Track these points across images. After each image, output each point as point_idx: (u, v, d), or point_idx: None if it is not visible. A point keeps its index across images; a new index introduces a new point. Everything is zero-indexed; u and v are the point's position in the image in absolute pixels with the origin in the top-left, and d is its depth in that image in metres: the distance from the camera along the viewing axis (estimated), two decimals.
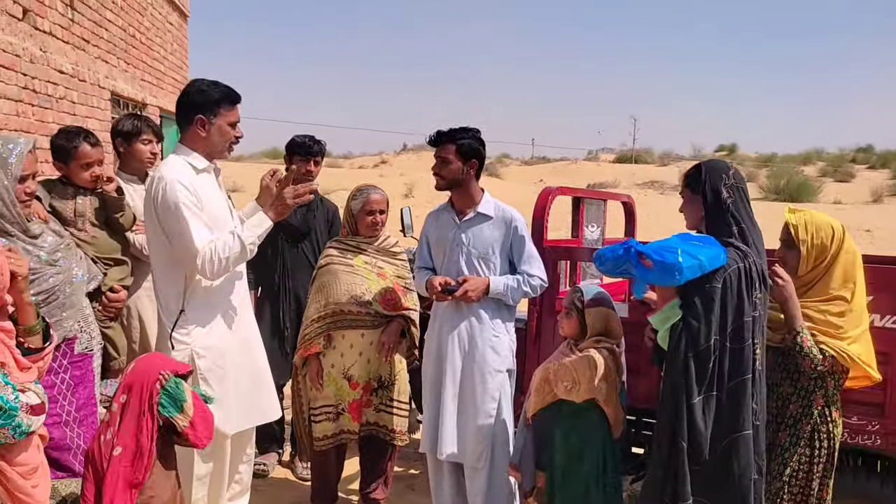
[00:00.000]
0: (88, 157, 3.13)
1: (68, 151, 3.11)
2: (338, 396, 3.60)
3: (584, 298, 2.93)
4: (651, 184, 34.83)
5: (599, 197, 4.85)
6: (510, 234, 3.32)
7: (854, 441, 2.99)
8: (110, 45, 7.59)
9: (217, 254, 2.87)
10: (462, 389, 3.33)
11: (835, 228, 2.76)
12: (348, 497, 4.03)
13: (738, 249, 2.56)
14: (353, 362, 3.59)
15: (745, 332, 2.54)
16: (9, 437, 1.81)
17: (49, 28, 5.97)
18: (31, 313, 2.07)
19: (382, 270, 3.65)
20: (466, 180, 3.32)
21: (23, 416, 1.82)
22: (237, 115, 3.05)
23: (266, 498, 3.96)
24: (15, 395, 1.81)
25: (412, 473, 4.51)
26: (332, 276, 3.56)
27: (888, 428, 2.93)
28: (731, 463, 2.55)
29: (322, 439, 3.63)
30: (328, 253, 3.65)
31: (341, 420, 3.63)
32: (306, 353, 3.58)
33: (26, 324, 2.06)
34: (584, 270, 4.53)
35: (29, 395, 1.87)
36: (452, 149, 3.27)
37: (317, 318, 3.54)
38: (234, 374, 3.07)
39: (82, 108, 6.64)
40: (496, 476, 3.32)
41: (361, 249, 3.65)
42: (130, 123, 3.64)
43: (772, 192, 28.22)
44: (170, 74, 10.01)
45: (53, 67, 5.98)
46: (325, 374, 3.58)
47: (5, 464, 1.87)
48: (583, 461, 2.90)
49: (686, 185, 2.77)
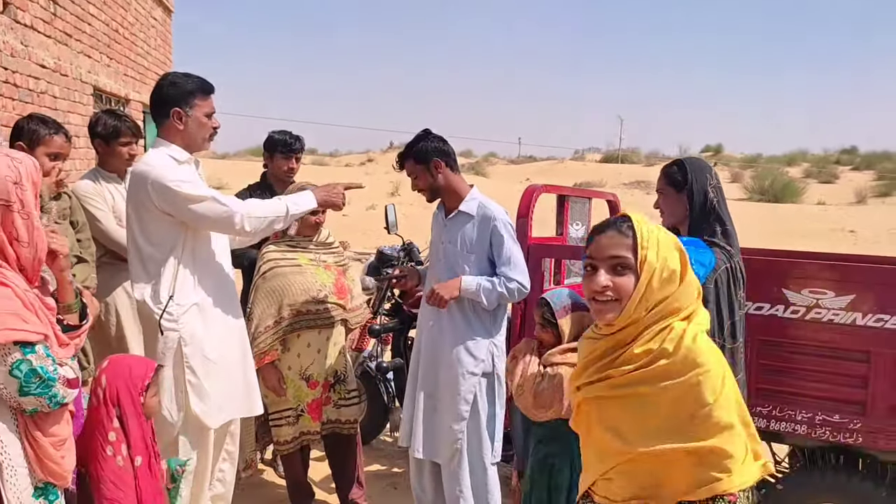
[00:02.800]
0: (59, 148, 3.02)
1: (41, 137, 2.99)
2: (296, 398, 3.56)
3: (555, 310, 2.80)
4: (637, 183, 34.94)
5: (584, 195, 4.85)
6: (489, 233, 3.25)
7: (836, 439, 3.01)
8: (93, 40, 7.51)
9: (257, 209, 2.95)
10: (436, 390, 3.32)
11: None
12: (329, 494, 4.00)
13: (724, 249, 2.57)
14: (311, 361, 3.55)
15: (737, 331, 2.56)
16: (45, 405, 1.93)
17: (30, 22, 5.90)
18: (70, 291, 2.19)
19: (326, 262, 3.64)
20: (443, 181, 3.30)
21: (60, 387, 1.94)
22: (212, 105, 3.03)
23: (247, 497, 3.92)
24: (54, 368, 1.93)
25: (395, 472, 4.49)
26: (282, 278, 3.46)
27: (869, 426, 2.94)
28: None
29: (283, 444, 3.60)
30: (269, 257, 3.51)
31: (301, 422, 3.59)
32: (263, 363, 3.43)
33: (66, 301, 2.18)
34: (569, 268, 4.52)
35: (66, 368, 1.99)
36: (412, 161, 3.30)
37: (272, 325, 3.44)
38: (220, 365, 3.03)
39: (64, 102, 6.56)
40: (474, 476, 3.31)
41: (304, 248, 3.59)
42: (109, 125, 3.58)
43: (756, 193, 28.42)
44: (153, 69, 9.93)
45: (35, 62, 5.91)
46: (283, 377, 3.53)
47: (39, 432, 1.97)
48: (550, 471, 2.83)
49: (669, 183, 2.76)
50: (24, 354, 1.88)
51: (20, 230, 1.94)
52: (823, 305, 2.98)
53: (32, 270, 2.00)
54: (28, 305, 1.92)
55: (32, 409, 1.94)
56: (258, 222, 2.95)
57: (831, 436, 3.02)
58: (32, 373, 1.89)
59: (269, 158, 4.29)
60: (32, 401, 1.92)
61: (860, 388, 2.96)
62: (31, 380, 1.89)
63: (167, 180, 2.82)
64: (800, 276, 3.06)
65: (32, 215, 1.96)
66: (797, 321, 3.03)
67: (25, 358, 1.88)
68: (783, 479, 3.25)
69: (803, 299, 3.02)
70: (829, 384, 3.02)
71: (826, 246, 13.91)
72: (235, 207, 2.90)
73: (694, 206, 2.66)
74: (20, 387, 1.88)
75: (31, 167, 1.99)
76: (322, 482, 4.16)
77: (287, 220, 3.06)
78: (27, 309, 1.91)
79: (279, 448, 3.63)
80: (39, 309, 1.97)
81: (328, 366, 3.61)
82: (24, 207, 1.94)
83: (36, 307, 1.95)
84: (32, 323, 1.92)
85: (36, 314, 1.94)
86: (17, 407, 1.93)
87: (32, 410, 1.94)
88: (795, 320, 3.03)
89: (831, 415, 3.00)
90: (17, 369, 1.87)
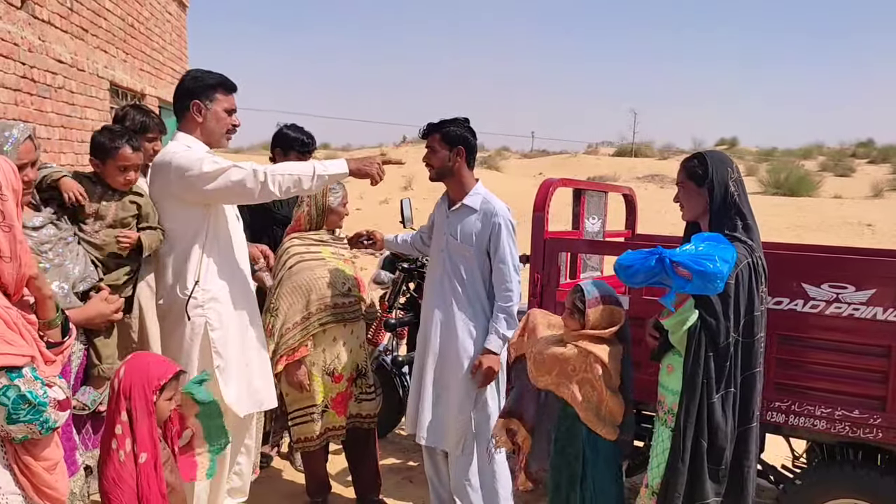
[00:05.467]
0: (127, 161, 2.99)
1: (108, 150, 2.98)
2: (321, 394, 3.55)
3: (586, 298, 2.87)
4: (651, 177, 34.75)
5: (600, 189, 4.83)
6: (490, 228, 3.29)
7: (855, 434, 2.99)
8: (109, 35, 7.54)
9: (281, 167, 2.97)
10: (443, 377, 3.34)
11: None
12: (345, 487, 4.02)
13: (745, 244, 2.55)
14: (336, 356, 3.55)
15: (755, 327, 2.55)
16: (36, 432, 1.81)
17: (48, 17, 5.93)
18: (50, 307, 2.04)
19: (345, 257, 3.67)
20: (456, 169, 3.32)
21: (51, 411, 1.82)
22: (233, 102, 3.05)
23: (264, 489, 3.95)
24: (44, 391, 1.80)
25: (410, 465, 4.50)
26: (309, 272, 3.46)
27: (889, 421, 2.92)
28: (741, 455, 2.60)
29: (309, 441, 3.58)
30: (294, 251, 3.50)
31: (326, 418, 3.59)
32: (293, 359, 3.43)
33: (46, 318, 2.03)
34: (585, 262, 4.51)
35: (55, 390, 1.87)
36: (438, 137, 3.31)
37: (300, 321, 3.43)
38: (244, 352, 3.08)
39: (81, 97, 6.60)
40: (483, 464, 3.34)
41: (325, 242, 3.61)
42: (137, 121, 3.56)
43: (772, 187, 28.18)
44: (169, 65, 9.97)
45: (52, 57, 5.94)
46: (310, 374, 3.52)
47: (31, 458, 1.86)
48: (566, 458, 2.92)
49: (689, 177, 2.73)
50: (10, 380, 1.75)
51: (1, 244, 1.80)
52: (843, 300, 2.95)
53: (16, 287, 1.86)
54: (11, 325, 1.79)
55: (22, 437, 1.81)
56: (283, 179, 2.92)
57: (850, 431, 2.99)
58: (21, 399, 1.76)
59: (281, 155, 4.24)
60: (23, 428, 1.78)
61: (880, 384, 2.93)
62: (19, 406, 1.75)
63: (187, 163, 2.86)
64: (820, 271, 3.03)
65: (15, 227, 1.82)
66: (817, 316, 3.01)
67: (13, 383, 1.75)
68: (801, 475, 3.24)
69: (823, 294, 2.99)
70: (848, 379, 3.00)
71: (843, 240, 13.80)
72: (257, 167, 2.91)
73: (714, 200, 2.63)
74: (8, 414, 1.75)
75: (9, 173, 1.85)
76: (338, 475, 4.17)
77: (315, 181, 2.99)
78: (10, 329, 1.78)
79: (305, 445, 3.60)
80: (23, 326, 1.84)
81: (352, 360, 3.61)
82: (4, 219, 1.79)
83: (20, 325, 1.83)
84: (17, 345, 1.78)
85: (20, 333, 1.82)
86: (6, 436, 1.80)
87: (22, 438, 1.81)
88: (815, 315, 3.01)
89: (851, 410, 2.97)
90: (5, 396, 1.74)
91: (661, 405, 2.77)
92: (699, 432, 2.52)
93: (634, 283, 2.60)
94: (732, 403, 2.55)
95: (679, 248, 2.46)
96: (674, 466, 2.57)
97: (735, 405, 2.56)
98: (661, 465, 2.67)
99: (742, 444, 2.60)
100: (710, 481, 2.55)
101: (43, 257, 2.60)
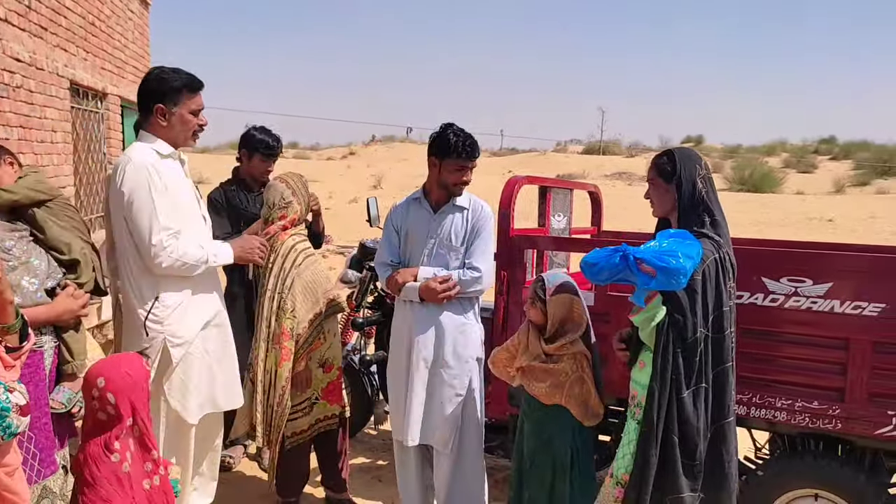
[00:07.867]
0: None
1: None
2: (313, 388, 3.58)
3: (547, 287, 2.98)
4: (619, 175, 35.08)
5: (566, 186, 4.86)
6: (475, 224, 3.33)
7: (815, 426, 3.04)
8: (69, 33, 7.40)
9: (179, 250, 2.89)
10: (432, 376, 3.33)
11: None
12: (314, 488, 4.00)
13: (712, 240, 2.57)
14: (328, 346, 3.60)
15: (724, 322, 2.57)
16: None
17: (4, 14, 5.80)
18: (10, 312, 2.01)
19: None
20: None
21: (14, 416, 1.79)
22: (200, 102, 3.00)
23: (232, 490, 3.91)
24: (6, 396, 1.78)
25: (379, 465, 4.49)
26: (314, 266, 3.55)
27: (848, 412, 2.98)
28: (720, 450, 2.61)
29: (298, 434, 3.58)
30: (300, 248, 3.53)
31: (316, 409, 3.61)
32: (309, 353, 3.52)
33: (5, 322, 2.00)
34: (551, 259, 4.53)
35: (16, 395, 1.84)
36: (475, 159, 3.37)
37: (313, 318, 3.49)
38: (204, 362, 3.06)
39: (40, 97, 6.47)
40: (465, 462, 3.35)
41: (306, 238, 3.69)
42: None
43: (737, 183, 28.62)
44: (131, 63, 9.81)
45: (9, 55, 5.81)
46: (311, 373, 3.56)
47: None
48: (551, 450, 3.00)
49: (658, 174, 2.74)
50: None
51: None
52: (802, 294, 3.00)
53: None
54: None
55: None
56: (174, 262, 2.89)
57: (811, 422, 3.05)
58: None
59: (246, 157, 4.21)
60: None
61: (839, 375, 2.99)
62: None
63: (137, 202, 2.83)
64: (778, 265, 3.08)
65: None
66: (776, 309, 3.06)
67: None
68: (763, 466, 3.29)
69: (782, 287, 3.04)
70: (808, 371, 3.06)
71: (805, 235, 14.05)
72: (161, 240, 2.85)
73: (683, 197, 2.64)
74: None
75: None
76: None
77: (203, 267, 3.01)
78: None
79: (298, 438, 3.58)
80: None
81: (339, 349, 3.71)
82: None
83: None
84: None
85: None
86: None
87: None
88: (775, 308, 3.06)
89: (810, 401, 3.03)
90: None
91: (632, 399, 2.80)
92: (670, 427, 2.53)
93: (600, 281, 2.63)
94: (705, 398, 2.57)
95: (644, 245, 2.48)
96: (644, 459, 2.58)
97: (708, 400, 2.57)
98: (626, 457, 2.70)
99: (720, 440, 2.61)
100: (683, 476, 2.55)
101: (10, 255, 2.57)
